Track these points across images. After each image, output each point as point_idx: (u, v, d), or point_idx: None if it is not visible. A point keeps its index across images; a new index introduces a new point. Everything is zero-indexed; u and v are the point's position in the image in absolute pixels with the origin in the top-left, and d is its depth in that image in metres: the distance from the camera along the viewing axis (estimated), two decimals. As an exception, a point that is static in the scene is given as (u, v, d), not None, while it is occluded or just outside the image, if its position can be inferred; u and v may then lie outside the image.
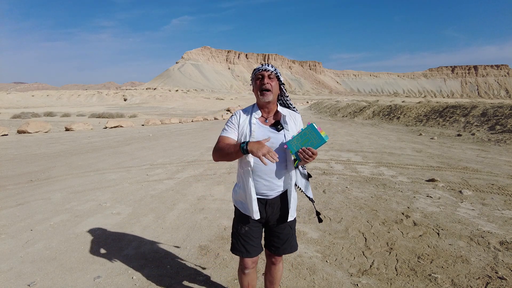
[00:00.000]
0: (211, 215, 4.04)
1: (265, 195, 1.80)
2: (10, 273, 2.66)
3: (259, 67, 1.82)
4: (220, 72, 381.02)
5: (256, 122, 1.79)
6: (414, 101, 28.88)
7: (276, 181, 1.78)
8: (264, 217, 1.82)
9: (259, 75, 1.78)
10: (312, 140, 1.61)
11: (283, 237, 1.88)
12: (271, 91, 1.76)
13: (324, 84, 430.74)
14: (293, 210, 1.86)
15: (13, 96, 64.53)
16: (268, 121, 1.82)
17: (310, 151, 1.60)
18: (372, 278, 2.58)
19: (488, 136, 11.66)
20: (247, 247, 1.84)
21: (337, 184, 5.41)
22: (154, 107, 52.34)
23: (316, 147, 1.60)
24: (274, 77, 1.79)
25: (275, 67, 1.83)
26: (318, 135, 1.60)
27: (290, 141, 1.67)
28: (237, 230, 1.87)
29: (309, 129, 1.62)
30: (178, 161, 7.57)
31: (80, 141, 11.52)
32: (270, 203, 1.81)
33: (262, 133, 1.76)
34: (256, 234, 1.86)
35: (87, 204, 4.43)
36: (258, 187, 1.77)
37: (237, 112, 1.87)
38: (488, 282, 2.48)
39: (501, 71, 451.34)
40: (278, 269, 2.01)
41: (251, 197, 1.76)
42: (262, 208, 1.81)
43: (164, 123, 20.45)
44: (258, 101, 1.83)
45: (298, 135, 1.65)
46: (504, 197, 4.60)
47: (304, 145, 1.61)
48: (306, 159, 1.60)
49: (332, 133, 13.83)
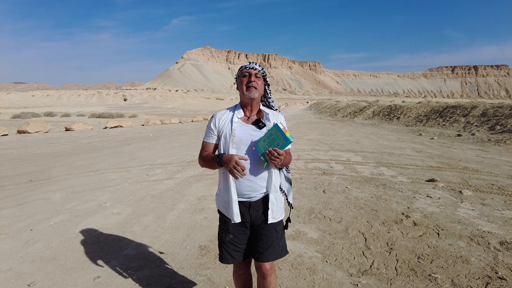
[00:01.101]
0: (211, 215, 4.04)
1: (248, 196, 1.74)
2: (10, 273, 2.67)
3: (246, 65, 1.78)
4: (220, 72, 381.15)
5: (238, 121, 1.75)
6: (414, 101, 28.88)
7: (260, 181, 1.73)
8: (249, 221, 1.76)
9: (246, 72, 1.75)
10: (277, 140, 1.57)
11: (266, 240, 1.77)
12: (256, 89, 1.73)
13: (324, 84, 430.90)
14: (277, 211, 1.79)
15: (13, 96, 64.54)
16: (250, 120, 1.79)
17: (276, 152, 1.56)
18: (372, 278, 2.58)
19: (488, 136, 11.66)
20: (233, 253, 1.79)
21: (337, 184, 5.41)
22: (154, 107, 52.35)
23: (282, 147, 1.57)
24: (261, 77, 1.78)
25: (262, 67, 1.81)
26: (283, 136, 1.56)
27: (257, 142, 1.65)
28: (222, 238, 1.82)
29: (274, 129, 1.59)
30: (178, 161, 7.57)
31: (80, 141, 11.52)
32: (254, 206, 1.75)
33: (244, 131, 1.72)
34: (242, 240, 1.80)
35: (87, 204, 4.43)
36: (241, 187, 1.71)
37: (215, 115, 1.82)
38: (488, 282, 2.48)
39: (501, 71, 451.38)
40: (269, 283, 1.83)
41: (231, 198, 1.70)
42: (245, 211, 1.75)
43: (164, 123, 20.46)
44: (242, 98, 1.79)
45: (265, 136, 1.63)
46: (504, 197, 4.60)
47: (271, 146, 1.58)
48: (273, 160, 1.57)
49: (332, 133, 13.83)
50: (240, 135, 1.70)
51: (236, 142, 1.70)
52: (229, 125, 1.74)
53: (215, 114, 1.83)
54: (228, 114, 1.80)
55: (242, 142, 1.70)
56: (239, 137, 1.70)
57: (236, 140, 1.70)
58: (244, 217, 1.75)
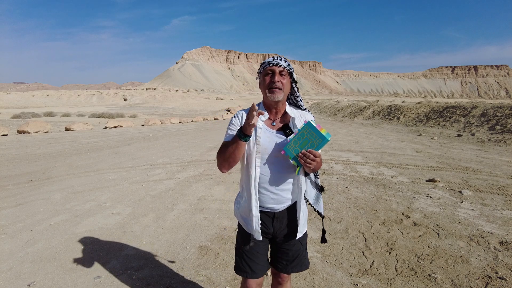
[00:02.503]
0: (211, 215, 4.04)
1: (272, 209, 1.57)
2: (10, 273, 2.66)
3: (269, 60, 1.54)
4: (220, 72, 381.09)
5: (262, 125, 1.54)
6: (414, 101, 28.88)
7: (285, 193, 1.55)
8: (271, 232, 1.60)
9: (269, 70, 1.51)
10: (312, 140, 1.39)
11: (292, 254, 1.64)
12: (281, 90, 1.50)
13: (324, 84, 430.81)
14: (303, 224, 1.64)
15: (13, 96, 64.54)
16: (275, 124, 1.57)
17: (312, 154, 1.38)
18: (372, 278, 2.58)
19: (488, 136, 11.66)
20: (252, 265, 1.60)
21: (337, 184, 5.41)
22: (154, 107, 52.34)
23: (317, 148, 1.39)
24: (287, 74, 1.54)
25: (288, 62, 1.55)
26: (318, 134, 1.38)
27: (287, 145, 1.44)
28: (240, 246, 1.65)
29: (307, 128, 1.40)
30: (178, 161, 7.57)
31: (80, 141, 11.52)
32: (278, 217, 1.58)
33: (268, 139, 1.51)
34: (262, 250, 1.64)
35: (87, 204, 4.43)
36: (264, 200, 1.55)
37: (239, 113, 1.60)
38: (488, 282, 2.48)
39: (501, 71, 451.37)
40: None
41: (252, 213, 1.53)
42: (269, 222, 1.58)
43: (164, 123, 20.45)
44: (265, 99, 1.57)
45: (295, 137, 1.43)
46: (504, 197, 4.60)
47: (304, 148, 1.40)
48: (308, 163, 1.38)
49: (332, 133, 13.83)
50: (265, 144, 1.50)
51: (261, 151, 1.50)
52: (252, 129, 1.48)
53: (238, 113, 1.61)
54: None
55: (267, 151, 1.50)
56: (264, 146, 1.50)
57: (261, 149, 1.49)
58: (267, 228, 1.59)
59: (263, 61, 1.60)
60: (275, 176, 1.52)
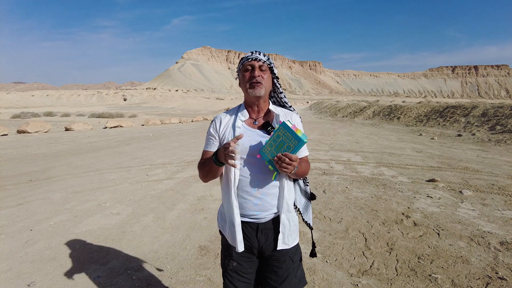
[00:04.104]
0: (211, 215, 4.03)
1: (255, 217, 1.41)
2: (10, 273, 2.66)
3: (247, 55, 1.45)
4: (220, 72, 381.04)
5: (242, 125, 1.45)
6: (414, 101, 28.88)
7: (270, 198, 1.40)
8: (256, 246, 1.43)
9: (248, 65, 1.42)
10: (287, 143, 1.28)
11: (281, 273, 1.44)
12: (262, 84, 1.41)
13: (324, 84, 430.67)
14: (290, 235, 1.46)
15: (13, 96, 64.53)
16: (258, 123, 1.47)
17: (287, 157, 1.25)
18: (372, 278, 2.58)
19: (489, 136, 11.66)
20: (238, 284, 1.45)
21: (337, 184, 5.41)
22: (154, 107, 52.33)
23: (294, 151, 1.28)
24: (267, 69, 1.45)
25: (268, 56, 1.47)
26: (293, 136, 1.27)
27: (263, 148, 1.33)
28: (225, 265, 1.49)
29: (282, 129, 1.29)
30: (178, 161, 7.57)
31: (80, 141, 11.52)
32: (263, 229, 1.42)
33: (249, 138, 1.40)
34: (249, 269, 1.47)
35: (87, 204, 4.43)
36: (247, 207, 1.39)
37: (216, 118, 1.51)
38: (488, 282, 2.48)
39: (502, 71, 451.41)
40: None
41: (234, 221, 1.39)
42: (252, 235, 1.42)
43: (164, 123, 20.45)
44: (246, 97, 1.47)
45: (271, 139, 1.31)
46: (504, 197, 4.60)
47: (280, 151, 1.28)
48: (284, 168, 1.26)
49: (332, 133, 13.83)
50: (245, 143, 1.38)
51: (240, 152, 1.38)
52: (231, 131, 1.43)
53: (216, 117, 1.52)
54: (231, 116, 1.50)
55: (247, 151, 1.39)
56: (244, 146, 1.38)
57: (241, 149, 1.38)
58: (251, 242, 1.43)
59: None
60: (257, 178, 1.38)
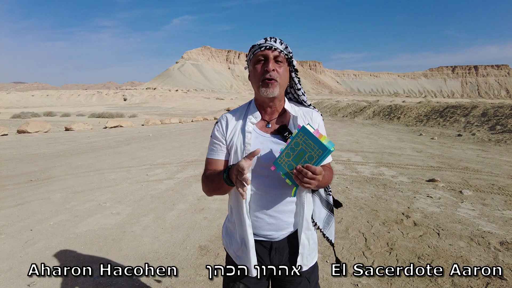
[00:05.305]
0: (211, 215, 4.03)
1: (269, 237, 1.20)
2: (10, 273, 2.66)
3: (260, 42, 1.16)
4: (220, 72, 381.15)
5: (253, 129, 1.20)
6: (414, 101, 28.89)
7: (285, 216, 1.18)
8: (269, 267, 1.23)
9: (261, 56, 1.14)
10: (309, 152, 1.01)
11: None
12: (277, 82, 1.13)
13: (325, 84, 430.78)
14: (309, 255, 1.25)
15: (13, 96, 64.56)
16: (271, 126, 1.21)
17: (310, 170, 0.98)
18: (372, 278, 2.57)
19: (489, 136, 11.66)
20: None
21: (337, 184, 5.40)
22: (154, 107, 52.35)
23: (317, 162, 1.01)
24: (284, 60, 1.17)
25: (286, 44, 1.18)
26: (317, 144, 1.00)
27: (278, 158, 1.07)
28: (228, 287, 1.25)
29: (301, 136, 1.03)
30: (178, 161, 7.57)
31: (80, 141, 11.52)
32: (277, 248, 1.21)
33: (262, 145, 1.16)
34: None
35: (87, 204, 4.43)
36: (258, 226, 1.18)
37: (222, 118, 1.26)
38: (488, 282, 2.48)
39: (502, 71, 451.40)
40: None
41: (247, 242, 1.16)
42: (265, 254, 1.21)
43: (164, 123, 20.46)
44: (256, 95, 1.22)
45: (288, 147, 1.05)
46: (504, 197, 4.60)
47: (300, 162, 1.03)
48: (307, 183, 0.99)
49: (333, 133, 13.83)
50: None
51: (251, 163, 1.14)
52: (240, 136, 1.19)
53: (221, 118, 1.27)
54: (239, 118, 1.24)
55: (259, 162, 1.15)
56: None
57: None
58: (263, 262, 1.21)
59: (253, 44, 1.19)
60: (271, 193, 1.16)
